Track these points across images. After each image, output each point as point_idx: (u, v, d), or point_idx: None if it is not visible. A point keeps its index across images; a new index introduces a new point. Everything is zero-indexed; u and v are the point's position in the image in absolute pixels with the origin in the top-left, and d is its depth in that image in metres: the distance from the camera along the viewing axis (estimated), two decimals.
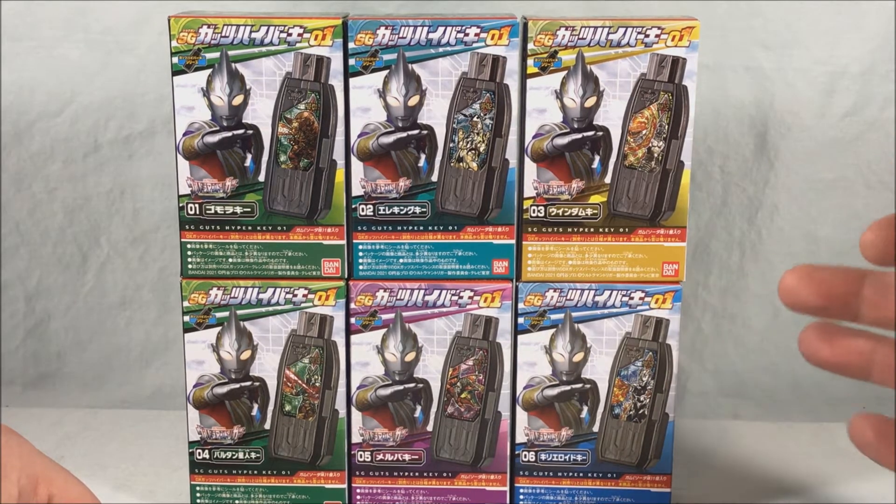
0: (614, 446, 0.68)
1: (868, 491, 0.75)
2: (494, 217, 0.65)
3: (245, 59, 0.62)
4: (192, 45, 0.62)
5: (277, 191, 0.64)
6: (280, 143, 0.64)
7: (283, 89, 0.63)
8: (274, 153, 0.64)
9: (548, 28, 0.62)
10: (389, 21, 0.62)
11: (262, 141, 0.64)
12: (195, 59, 0.62)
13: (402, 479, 0.69)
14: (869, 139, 0.87)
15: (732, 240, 0.89)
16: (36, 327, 0.91)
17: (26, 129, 0.87)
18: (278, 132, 0.63)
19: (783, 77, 0.86)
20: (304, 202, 0.64)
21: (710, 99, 0.86)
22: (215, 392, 0.67)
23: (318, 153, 0.64)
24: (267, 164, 0.64)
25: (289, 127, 0.63)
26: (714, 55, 0.85)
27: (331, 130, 0.63)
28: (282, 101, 0.63)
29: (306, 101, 0.63)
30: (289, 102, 0.63)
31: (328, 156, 0.64)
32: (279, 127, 0.63)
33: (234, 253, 0.65)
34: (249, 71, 0.63)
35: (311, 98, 0.63)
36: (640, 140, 0.64)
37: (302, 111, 0.63)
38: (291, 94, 0.63)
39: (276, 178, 0.64)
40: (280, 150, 0.64)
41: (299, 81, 0.63)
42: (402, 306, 0.66)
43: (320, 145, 0.64)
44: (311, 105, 0.63)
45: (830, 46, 0.85)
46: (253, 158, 0.64)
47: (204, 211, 0.65)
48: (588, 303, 0.66)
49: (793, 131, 0.87)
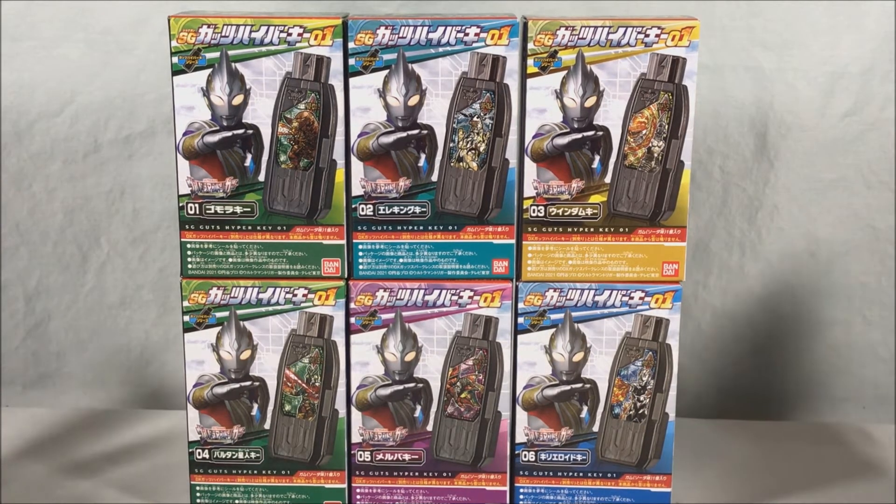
0: (614, 446, 0.68)
1: (868, 491, 0.75)
2: (494, 217, 0.65)
3: (245, 59, 0.62)
4: (193, 45, 0.62)
5: (277, 191, 0.64)
6: (280, 143, 0.64)
7: (282, 89, 0.63)
8: (274, 153, 0.64)
9: (548, 28, 0.62)
10: (389, 21, 0.62)
11: (262, 141, 0.64)
12: (195, 59, 0.62)
13: (402, 478, 0.69)
14: (869, 139, 0.87)
15: (732, 240, 0.89)
16: (36, 327, 0.91)
17: (26, 129, 0.87)
18: (278, 132, 0.63)
19: (783, 77, 0.86)
20: (303, 202, 0.64)
21: (710, 99, 0.86)
22: (215, 392, 0.67)
23: (318, 153, 0.64)
24: (267, 163, 0.64)
25: (288, 127, 0.63)
26: (714, 55, 0.85)
27: (331, 130, 0.63)
28: (282, 100, 0.63)
29: (306, 101, 0.63)
30: (289, 102, 0.63)
31: (328, 155, 0.64)
32: (279, 127, 0.63)
33: (234, 253, 0.65)
34: (249, 71, 0.62)
35: (311, 98, 0.63)
36: (640, 140, 0.64)
37: (302, 111, 0.63)
38: (291, 94, 0.63)
39: (276, 178, 0.64)
40: (280, 150, 0.64)
41: (299, 81, 0.63)
42: (401, 306, 0.66)
43: (320, 145, 0.64)
44: (311, 105, 0.63)
45: (830, 46, 0.85)
46: (253, 158, 0.64)
47: (204, 211, 0.65)
48: (588, 303, 0.66)
49: (793, 131, 0.87)
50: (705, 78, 0.84)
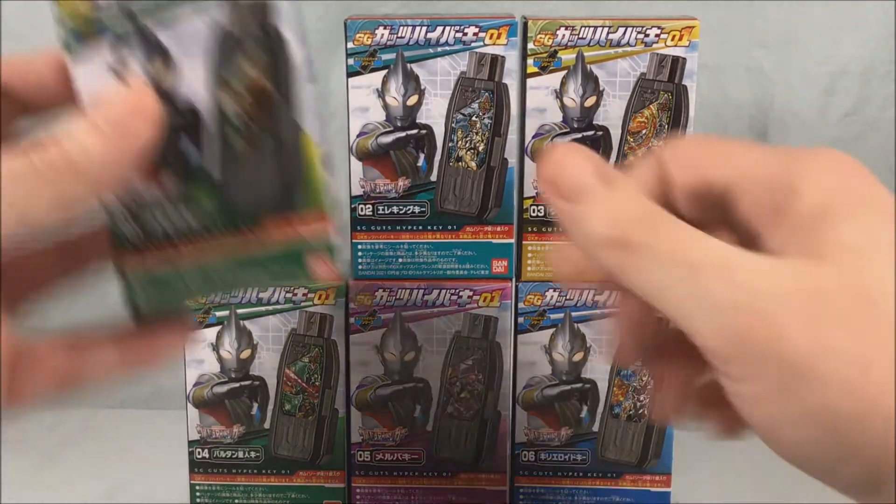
0: (614, 446, 0.68)
1: None
2: (493, 216, 0.65)
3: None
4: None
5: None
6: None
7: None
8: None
9: (547, 28, 0.62)
10: (388, 21, 0.62)
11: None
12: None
13: (402, 478, 0.69)
14: (869, 139, 0.87)
15: None
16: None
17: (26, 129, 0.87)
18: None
19: (783, 77, 0.86)
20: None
21: (710, 99, 0.86)
22: (215, 391, 0.67)
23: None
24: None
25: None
26: (714, 55, 0.85)
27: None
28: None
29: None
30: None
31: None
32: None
33: None
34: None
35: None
36: (640, 140, 0.64)
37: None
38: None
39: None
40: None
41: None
42: (401, 306, 0.66)
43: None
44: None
45: (830, 46, 0.85)
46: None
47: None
48: (588, 302, 0.66)
49: (793, 131, 0.87)
50: (705, 78, 0.84)
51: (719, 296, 0.30)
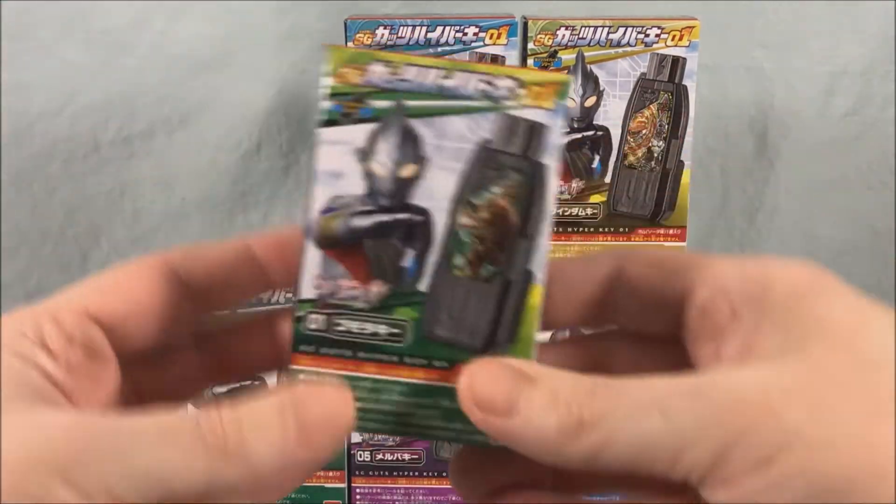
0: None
1: None
2: None
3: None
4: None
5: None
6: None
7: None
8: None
9: (548, 28, 0.62)
10: (388, 21, 0.62)
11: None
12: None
13: (402, 478, 0.69)
14: (869, 139, 0.87)
15: (732, 240, 0.89)
16: None
17: (26, 129, 0.87)
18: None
19: (783, 77, 0.86)
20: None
21: (710, 99, 0.86)
22: None
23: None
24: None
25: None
26: (714, 55, 0.85)
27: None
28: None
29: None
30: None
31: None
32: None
33: None
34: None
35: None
36: (640, 140, 0.64)
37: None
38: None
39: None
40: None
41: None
42: None
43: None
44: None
45: (830, 46, 0.85)
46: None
47: None
48: None
49: (793, 131, 0.87)
50: (705, 78, 0.84)
51: (716, 402, 0.28)
